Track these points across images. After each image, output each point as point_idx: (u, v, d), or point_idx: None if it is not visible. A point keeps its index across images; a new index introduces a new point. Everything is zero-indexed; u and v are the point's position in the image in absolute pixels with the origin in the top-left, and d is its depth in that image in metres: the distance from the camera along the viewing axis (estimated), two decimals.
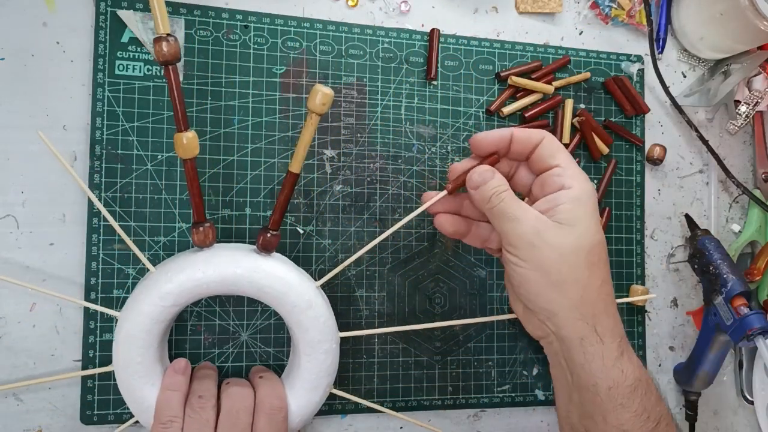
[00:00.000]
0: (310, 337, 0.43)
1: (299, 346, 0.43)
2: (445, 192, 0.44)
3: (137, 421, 0.43)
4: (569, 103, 0.55)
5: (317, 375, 0.43)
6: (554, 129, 0.55)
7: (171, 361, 0.44)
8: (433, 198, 0.44)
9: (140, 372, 0.41)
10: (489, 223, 0.45)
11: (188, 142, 0.40)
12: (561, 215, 0.39)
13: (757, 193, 0.61)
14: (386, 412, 0.48)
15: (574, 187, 0.40)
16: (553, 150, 0.42)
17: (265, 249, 0.43)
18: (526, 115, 0.54)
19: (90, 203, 0.45)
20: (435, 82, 0.53)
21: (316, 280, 0.45)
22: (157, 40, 0.38)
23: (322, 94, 0.39)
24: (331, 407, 0.49)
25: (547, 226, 0.39)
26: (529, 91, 0.54)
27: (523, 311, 0.43)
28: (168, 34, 0.38)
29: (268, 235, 0.43)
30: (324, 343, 0.43)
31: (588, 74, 0.56)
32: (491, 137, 0.42)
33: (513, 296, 0.44)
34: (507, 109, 0.53)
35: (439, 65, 0.53)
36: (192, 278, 0.41)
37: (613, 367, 0.39)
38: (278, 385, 0.44)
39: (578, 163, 0.55)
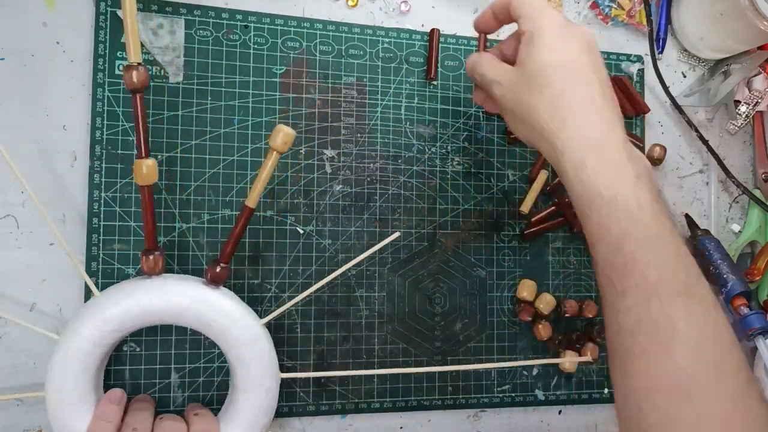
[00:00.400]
0: (251, 373, 0.42)
1: (238, 382, 0.43)
2: None
3: None
4: None
5: (256, 413, 0.43)
6: None
7: (106, 392, 0.43)
8: None
9: (73, 399, 0.40)
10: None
11: (147, 169, 0.40)
12: (518, 58, 0.41)
13: (757, 193, 0.61)
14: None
15: (527, 30, 0.40)
16: (519, 3, 0.42)
17: (215, 282, 0.43)
18: None
19: (90, 203, 0.45)
20: (435, 82, 0.53)
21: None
22: (128, 69, 0.39)
23: (284, 134, 0.40)
24: (331, 407, 0.49)
25: (508, 71, 0.42)
26: None
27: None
28: (139, 63, 0.39)
29: (218, 268, 0.43)
30: (265, 380, 0.43)
31: None
32: (479, 19, 0.46)
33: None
34: None
35: (439, 65, 0.53)
36: (138, 304, 0.40)
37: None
38: (212, 423, 0.43)
39: None
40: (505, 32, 0.55)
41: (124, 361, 0.45)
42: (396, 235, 0.46)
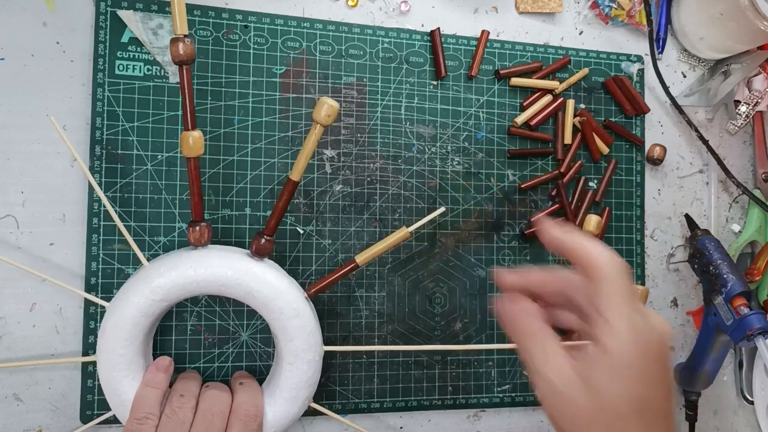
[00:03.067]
0: (295, 346, 0.43)
1: (282, 354, 0.43)
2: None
3: (109, 420, 0.43)
4: (570, 104, 0.55)
5: (297, 385, 0.43)
6: (556, 130, 0.55)
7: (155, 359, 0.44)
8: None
9: (122, 364, 0.41)
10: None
11: (194, 141, 0.41)
12: (591, 381, 0.31)
13: (757, 193, 0.61)
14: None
15: (609, 349, 0.31)
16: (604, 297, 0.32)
17: (259, 254, 0.43)
18: (532, 123, 0.54)
19: (90, 203, 0.45)
20: (435, 82, 0.53)
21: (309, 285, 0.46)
22: (174, 41, 0.40)
23: (327, 106, 0.40)
24: (331, 407, 0.49)
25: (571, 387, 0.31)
26: (535, 99, 0.54)
27: None
28: (185, 35, 0.40)
29: (263, 240, 0.43)
30: (308, 353, 0.43)
31: (586, 70, 0.56)
32: (527, 279, 0.35)
33: None
34: (519, 119, 0.54)
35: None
36: (183, 275, 0.41)
37: None
38: (257, 392, 0.44)
39: (579, 163, 0.55)
40: (505, 32, 0.55)
41: (184, 332, 0.45)
42: (441, 209, 0.47)
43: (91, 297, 0.43)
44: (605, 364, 0.31)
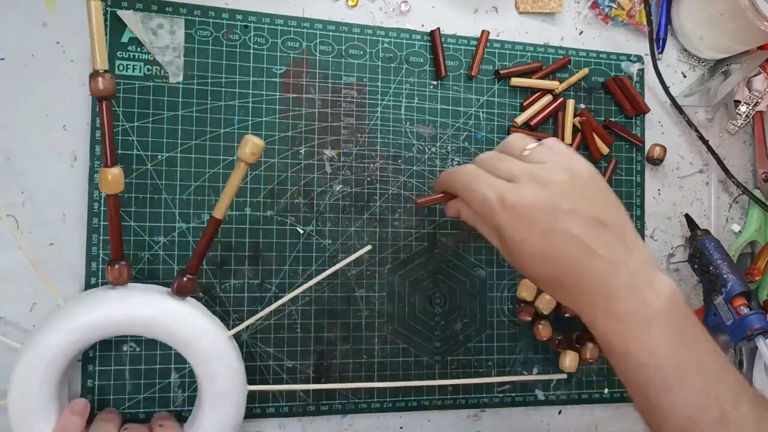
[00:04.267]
0: (218, 387, 0.42)
1: (205, 395, 0.42)
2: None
3: None
4: (570, 104, 0.55)
5: (220, 428, 0.42)
6: (556, 130, 0.55)
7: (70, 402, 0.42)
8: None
9: (35, 407, 0.39)
10: None
11: (113, 178, 0.40)
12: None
13: (757, 193, 0.61)
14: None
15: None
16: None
17: (180, 293, 0.42)
18: (532, 123, 0.54)
19: (90, 203, 0.45)
20: (435, 82, 0.53)
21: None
22: (93, 76, 0.38)
23: (252, 144, 0.39)
24: (331, 407, 0.49)
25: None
26: (535, 99, 0.54)
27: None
28: (105, 71, 0.38)
29: (185, 279, 0.42)
30: (232, 395, 0.42)
31: (586, 70, 0.56)
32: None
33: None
34: (519, 119, 0.54)
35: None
36: (102, 316, 0.40)
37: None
38: None
39: None
40: (505, 32, 0.55)
41: (124, 361, 0.45)
42: (367, 248, 0.47)
43: (6, 340, 0.41)
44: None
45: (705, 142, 0.58)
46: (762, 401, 0.36)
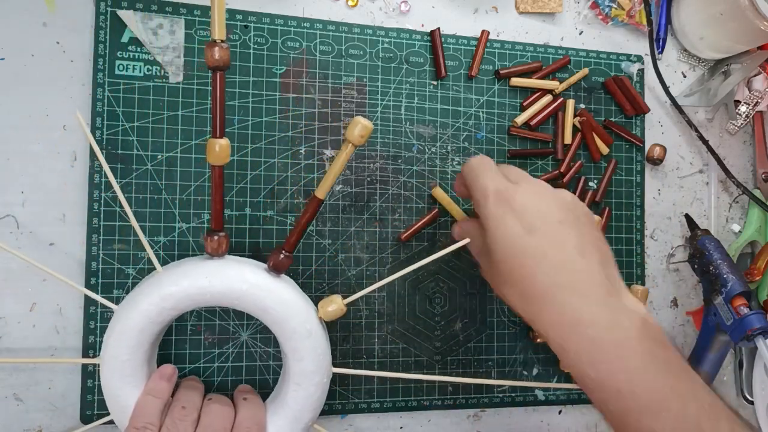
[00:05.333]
0: (304, 366, 0.42)
1: (290, 373, 0.42)
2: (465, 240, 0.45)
3: (111, 421, 0.42)
4: (570, 104, 0.55)
5: (302, 407, 0.42)
6: (556, 130, 0.55)
7: (158, 366, 0.43)
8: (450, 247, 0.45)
9: (126, 370, 0.40)
10: None
11: (221, 149, 0.39)
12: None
13: (757, 193, 0.61)
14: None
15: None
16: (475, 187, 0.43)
17: (276, 270, 0.42)
18: (532, 123, 0.54)
19: (90, 203, 0.45)
20: (435, 82, 0.53)
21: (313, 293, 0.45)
22: (210, 45, 0.38)
23: (361, 126, 0.39)
24: (331, 407, 0.49)
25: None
26: (535, 99, 0.54)
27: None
28: (222, 40, 0.38)
29: (281, 256, 0.42)
30: (316, 375, 0.42)
31: (586, 70, 0.56)
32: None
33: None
34: (519, 119, 0.54)
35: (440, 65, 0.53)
36: (196, 285, 0.40)
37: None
38: (260, 409, 0.43)
39: (579, 163, 0.55)
40: (505, 32, 0.55)
41: (184, 331, 0.45)
42: (466, 241, 0.45)
43: (102, 299, 0.42)
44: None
45: (705, 142, 0.58)
46: (737, 420, 0.36)
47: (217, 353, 0.47)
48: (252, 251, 0.48)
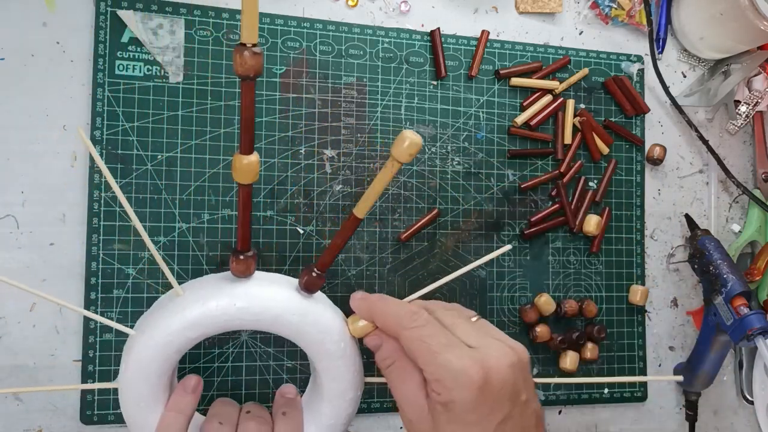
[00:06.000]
0: (338, 385, 0.40)
1: (324, 391, 0.41)
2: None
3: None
4: (570, 104, 0.55)
5: (335, 422, 0.41)
6: (556, 130, 0.55)
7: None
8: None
9: (148, 397, 0.38)
10: None
11: (248, 166, 0.35)
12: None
13: (757, 193, 0.61)
14: None
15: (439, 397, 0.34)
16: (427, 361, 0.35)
17: (308, 290, 0.40)
18: (532, 123, 0.54)
19: (90, 203, 0.45)
20: (435, 82, 0.53)
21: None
22: (239, 49, 0.32)
23: (410, 142, 0.34)
24: None
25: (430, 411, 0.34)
26: (535, 99, 0.54)
27: None
28: (254, 44, 0.32)
29: (314, 274, 0.39)
30: (349, 392, 0.41)
31: (586, 70, 0.56)
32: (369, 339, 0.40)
33: None
34: (519, 119, 0.54)
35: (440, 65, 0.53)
36: (225, 312, 0.37)
37: None
38: (298, 427, 0.41)
39: (579, 163, 0.55)
40: (505, 32, 0.55)
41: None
42: (508, 247, 0.41)
43: (118, 326, 0.38)
44: (446, 417, 0.33)
45: (705, 142, 0.58)
46: None
47: (217, 353, 0.47)
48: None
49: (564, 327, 0.54)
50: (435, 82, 0.53)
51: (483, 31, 0.53)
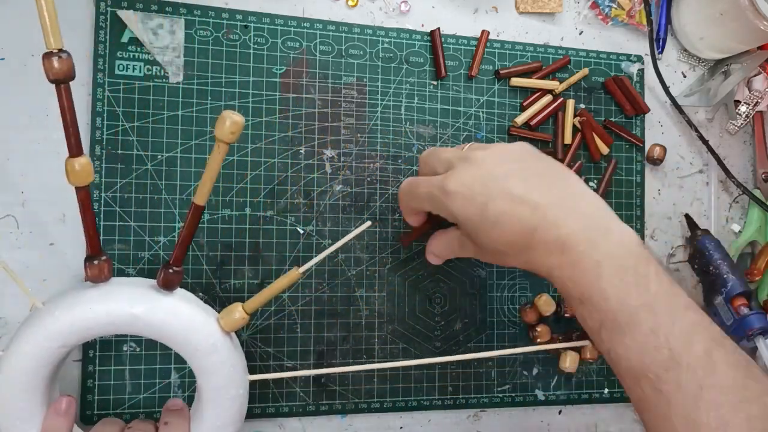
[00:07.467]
0: (215, 383, 0.39)
1: (202, 392, 0.40)
2: (367, 223, 0.44)
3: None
4: (570, 104, 0.55)
5: (222, 423, 0.40)
6: (556, 130, 0.55)
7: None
8: (351, 233, 0.43)
9: (23, 416, 0.37)
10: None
11: (81, 168, 0.35)
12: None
13: (757, 193, 0.61)
14: None
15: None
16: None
17: (166, 286, 0.39)
18: (532, 123, 0.54)
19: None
20: (435, 82, 0.53)
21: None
22: (47, 56, 0.33)
23: (231, 122, 0.35)
24: (331, 407, 0.49)
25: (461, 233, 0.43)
26: (535, 99, 0.54)
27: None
28: (60, 50, 0.33)
29: (170, 271, 0.39)
30: (230, 389, 0.40)
31: (586, 70, 0.56)
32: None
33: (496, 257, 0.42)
34: (519, 119, 0.54)
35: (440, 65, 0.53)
36: (81, 318, 0.37)
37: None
38: None
39: (579, 163, 0.55)
40: (505, 32, 0.55)
41: (124, 361, 0.45)
42: (367, 224, 0.43)
43: None
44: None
45: (705, 142, 0.58)
46: (722, 342, 0.35)
47: None
48: (252, 251, 0.48)
49: (564, 327, 0.54)
50: (435, 82, 0.53)
51: (483, 31, 0.53)
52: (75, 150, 0.36)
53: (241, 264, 0.48)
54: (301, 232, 0.49)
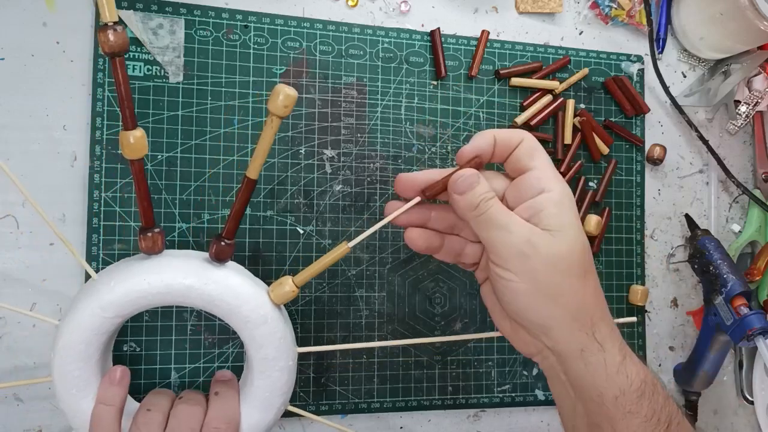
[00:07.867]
0: (265, 353, 0.40)
1: (252, 362, 0.41)
2: (416, 200, 0.39)
3: None
4: (570, 104, 0.55)
5: (271, 394, 0.41)
6: (556, 130, 0.55)
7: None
8: (401, 208, 0.40)
9: (79, 384, 0.38)
10: (459, 236, 0.42)
11: (135, 141, 0.36)
12: (548, 221, 0.36)
13: (757, 193, 0.61)
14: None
15: (554, 190, 0.37)
16: (531, 151, 0.38)
17: (219, 259, 0.40)
18: (532, 123, 0.54)
19: (90, 203, 0.45)
20: (435, 82, 0.53)
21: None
22: (102, 29, 0.34)
23: (284, 95, 0.35)
24: (331, 407, 0.49)
25: (537, 234, 0.36)
26: (535, 99, 0.54)
27: (511, 328, 0.40)
28: (115, 23, 0.34)
29: (222, 243, 0.40)
30: (279, 360, 0.40)
31: (586, 70, 0.56)
32: (478, 143, 0.38)
33: (499, 313, 0.41)
34: (519, 119, 0.53)
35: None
36: (136, 289, 0.38)
37: (617, 374, 0.36)
38: (232, 404, 0.41)
39: (579, 163, 0.55)
40: (505, 32, 0.55)
41: (124, 361, 0.45)
42: (414, 201, 0.40)
43: (40, 316, 0.40)
44: (552, 201, 0.37)
45: (705, 142, 0.58)
46: None
47: (217, 353, 0.47)
48: (252, 251, 0.48)
49: None
50: (435, 82, 0.53)
51: (483, 31, 0.53)
52: (130, 123, 0.36)
53: (241, 264, 0.48)
54: (301, 232, 0.49)
